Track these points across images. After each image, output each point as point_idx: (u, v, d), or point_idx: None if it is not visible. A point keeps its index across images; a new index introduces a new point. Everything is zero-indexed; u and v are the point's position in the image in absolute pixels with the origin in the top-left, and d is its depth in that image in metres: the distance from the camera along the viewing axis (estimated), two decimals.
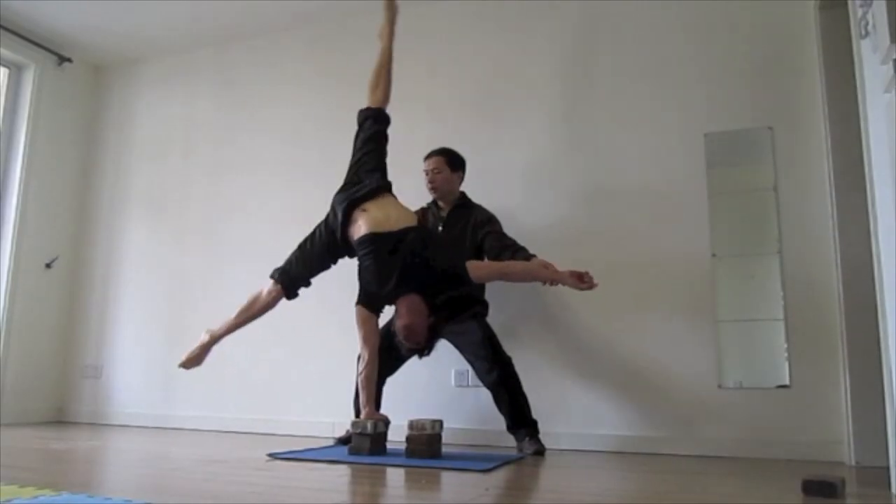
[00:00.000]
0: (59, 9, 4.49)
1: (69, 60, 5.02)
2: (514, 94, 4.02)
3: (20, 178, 4.71)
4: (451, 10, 4.28)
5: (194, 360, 3.33)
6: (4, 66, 4.79)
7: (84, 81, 5.22)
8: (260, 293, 3.25)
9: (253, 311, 3.26)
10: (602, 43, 3.89)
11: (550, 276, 3.08)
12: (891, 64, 2.03)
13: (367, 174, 3.28)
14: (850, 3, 2.58)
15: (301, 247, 3.29)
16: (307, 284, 3.29)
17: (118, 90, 5.24)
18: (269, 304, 3.25)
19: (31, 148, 4.78)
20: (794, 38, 3.48)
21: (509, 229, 3.52)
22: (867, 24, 2.31)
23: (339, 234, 3.18)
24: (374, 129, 3.37)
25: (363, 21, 4.48)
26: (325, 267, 3.30)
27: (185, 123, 4.95)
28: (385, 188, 3.26)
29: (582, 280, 3.04)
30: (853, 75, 2.69)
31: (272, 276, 3.25)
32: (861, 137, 2.63)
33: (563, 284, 3.08)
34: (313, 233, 3.29)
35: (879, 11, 2.12)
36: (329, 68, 4.56)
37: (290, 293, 3.25)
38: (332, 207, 3.26)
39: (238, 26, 4.68)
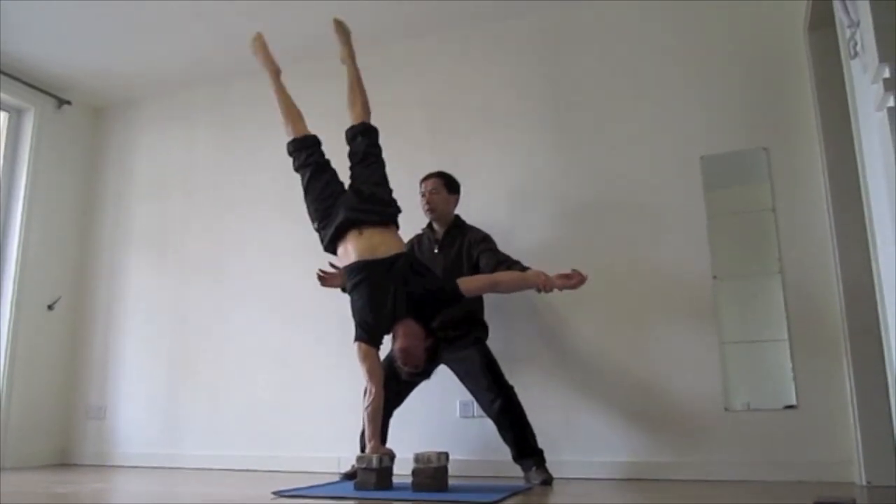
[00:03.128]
0: (57, 52, 4.55)
1: (68, 103, 5.07)
2: (509, 119, 4.06)
3: (21, 221, 4.73)
4: (445, 37, 4.33)
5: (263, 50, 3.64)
6: (4, 110, 4.84)
7: (84, 123, 5.27)
8: (296, 108, 3.55)
9: (286, 98, 3.60)
10: (597, 68, 3.93)
11: (542, 282, 3.11)
12: (881, 83, 2.04)
13: (376, 187, 3.28)
14: (838, 24, 2.61)
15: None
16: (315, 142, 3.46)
17: (118, 131, 5.28)
18: (296, 114, 3.55)
19: (31, 191, 4.81)
20: (785, 60, 3.51)
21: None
22: (856, 44, 2.33)
23: (326, 241, 3.24)
24: (365, 143, 3.39)
25: (361, 56, 4.53)
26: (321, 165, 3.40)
27: (185, 162, 4.98)
28: (392, 220, 3.26)
29: (569, 279, 3.09)
30: (845, 95, 2.72)
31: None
32: (855, 155, 2.65)
33: (555, 288, 3.12)
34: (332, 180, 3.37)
35: (867, 32, 2.14)
36: (327, 103, 4.59)
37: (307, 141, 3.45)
38: (342, 202, 3.25)
39: (236, 64, 4.72)
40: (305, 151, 3.39)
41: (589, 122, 3.88)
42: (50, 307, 4.85)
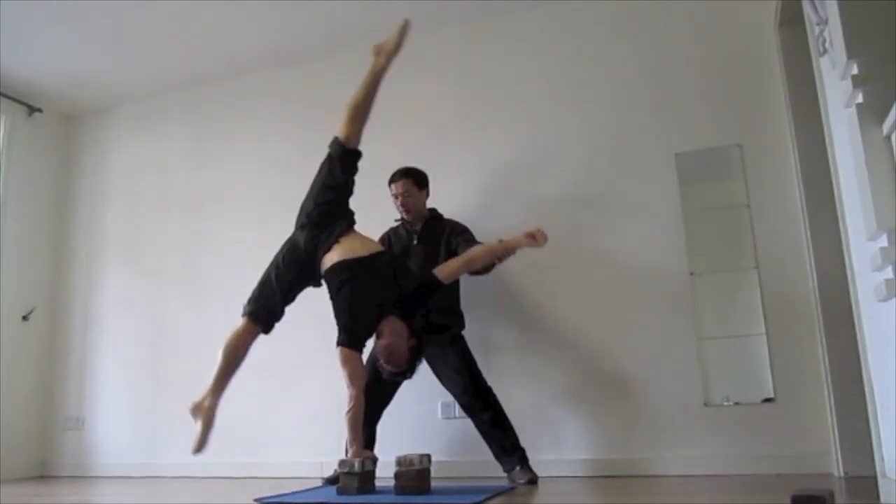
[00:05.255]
0: (27, 60, 4.48)
1: (39, 111, 5.00)
2: (484, 115, 4.07)
3: None
4: (423, 37, 4.32)
5: (204, 442, 3.09)
6: None
7: (55, 131, 5.20)
8: (238, 341, 3.13)
9: (238, 359, 3.14)
10: (571, 67, 3.95)
11: (507, 246, 3.19)
12: (849, 79, 2.07)
13: (336, 219, 3.17)
14: (807, 21, 2.64)
15: (263, 283, 3.20)
16: (279, 315, 3.19)
17: (90, 137, 5.22)
18: (249, 344, 3.15)
19: (3, 199, 4.74)
20: (757, 57, 3.55)
21: None
22: (825, 41, 2.36)
23: (318, 273, 3.14)
24: (346, 178, 3.22)
25: (331, 60, 4.53)
26: (291, 298, 3.20)
27: (160, 168, 4.93)
28: (351, 226, 3.21)
29: (534, 238, 3.16)
30: (816, 91, 2.75)
31: (243, 314, 3.14)
32: (827, 151, 2.68)
33: (520, 247, 3.20)
34: (275, 267, 3.19)
35: (835, 29, 2.17)
36: (301, 105, 4.58)
37: (268, 327, 3.17)
38: (298, 246, 3.16)
39: (208, 68, 4.70)
40: (270, 308, 3.18)
41: (564, 121, 3.89)
42: (25, 318, 4.78)
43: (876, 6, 2.07)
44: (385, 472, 3.01)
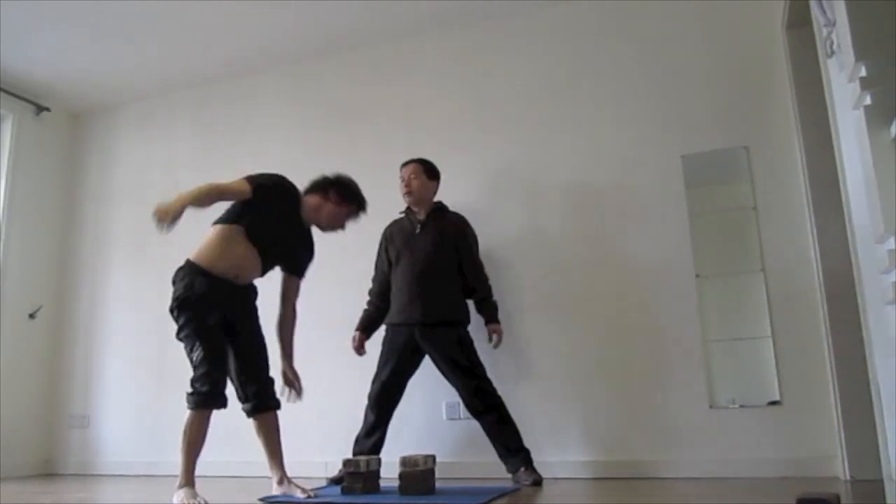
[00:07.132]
0: (35, 59, 4.50)
1: (47, 109, 5.02)
2: (485, 121, 4.06)
3: (0, 229, 4.68)
4: (428, 36, 4.33)
5: None
6: None
7: (63, 130, 5.22)
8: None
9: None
10: (578, 67, 3.94)
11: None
12: (857, 81, 2.06)
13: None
14: (815, 23, 2.63)
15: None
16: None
17: (97, 137, 5.23)
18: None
19: (11, 198, 4.76)
20: (764, 58, 3.54)
21: (489, 250, 3.58)
22: (832, 43, 2.35)
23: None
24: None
25: (339, 59, 4.54)
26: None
27: (165, 166, 4.94)
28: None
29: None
30: (823, 93, 2.74)
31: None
32: (834, 153, 2.68)
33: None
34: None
35: (843, 31, 2.16)
36: (305, 105, 4.59)
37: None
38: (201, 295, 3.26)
39: (214, 68, 4.71)
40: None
41: (570, 122, 3.89)
42: (31, 316, 4.80)
43: (884, 7, 2.06)
44: (389, 473, 3.01)
